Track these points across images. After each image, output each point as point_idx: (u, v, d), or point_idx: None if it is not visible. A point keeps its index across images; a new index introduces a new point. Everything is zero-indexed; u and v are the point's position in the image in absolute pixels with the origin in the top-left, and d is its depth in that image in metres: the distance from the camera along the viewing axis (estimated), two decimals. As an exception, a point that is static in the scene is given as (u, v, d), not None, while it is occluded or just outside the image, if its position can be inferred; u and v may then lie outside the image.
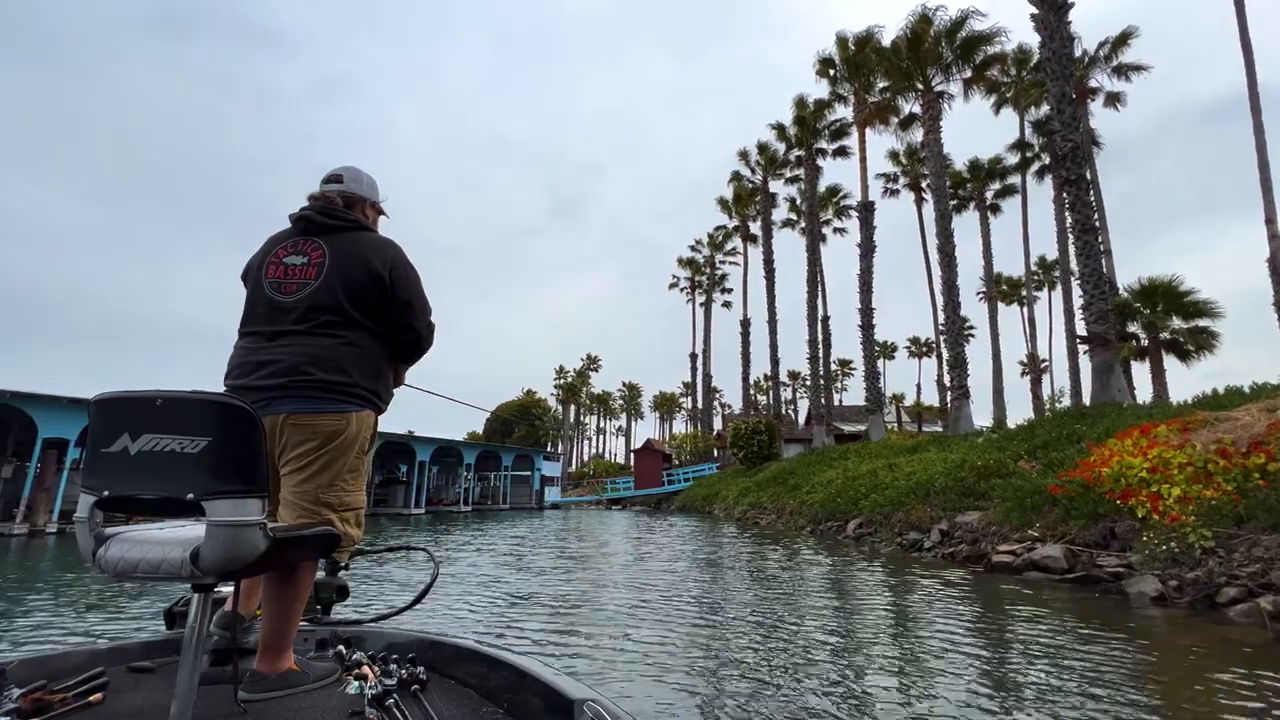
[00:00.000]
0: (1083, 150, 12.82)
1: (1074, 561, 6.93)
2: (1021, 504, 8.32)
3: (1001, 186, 31.27)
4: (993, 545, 8.07)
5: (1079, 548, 7.05)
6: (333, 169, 1.81)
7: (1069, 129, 12.89)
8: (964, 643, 4.25)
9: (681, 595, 6.21)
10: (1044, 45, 13.69)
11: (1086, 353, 12.38)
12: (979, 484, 10.20)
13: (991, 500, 9.51)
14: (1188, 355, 20.59)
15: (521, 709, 1.34)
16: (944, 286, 19.02)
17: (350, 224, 1.70)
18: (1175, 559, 5.77)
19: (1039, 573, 7.04)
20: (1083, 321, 12.65)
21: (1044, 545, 7.36)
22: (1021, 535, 7.87)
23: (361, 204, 1.80)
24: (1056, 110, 13.20)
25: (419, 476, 29.16)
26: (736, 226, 41.20)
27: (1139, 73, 24.56)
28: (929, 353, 60.33)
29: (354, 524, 1.62)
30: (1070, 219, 12.83)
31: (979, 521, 9.05)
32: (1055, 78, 13.30)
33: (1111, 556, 6.59)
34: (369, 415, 1.64)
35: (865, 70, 22.96)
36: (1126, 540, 6.63)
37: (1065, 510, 7.50)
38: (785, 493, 18.80)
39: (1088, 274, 12.29)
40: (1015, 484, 8.99)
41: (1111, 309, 12.53)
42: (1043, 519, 7.88)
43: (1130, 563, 6.23)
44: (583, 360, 74.77)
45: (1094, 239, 12.46)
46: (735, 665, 3.73)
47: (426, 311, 1.76)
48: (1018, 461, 10.29)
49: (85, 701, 1.28)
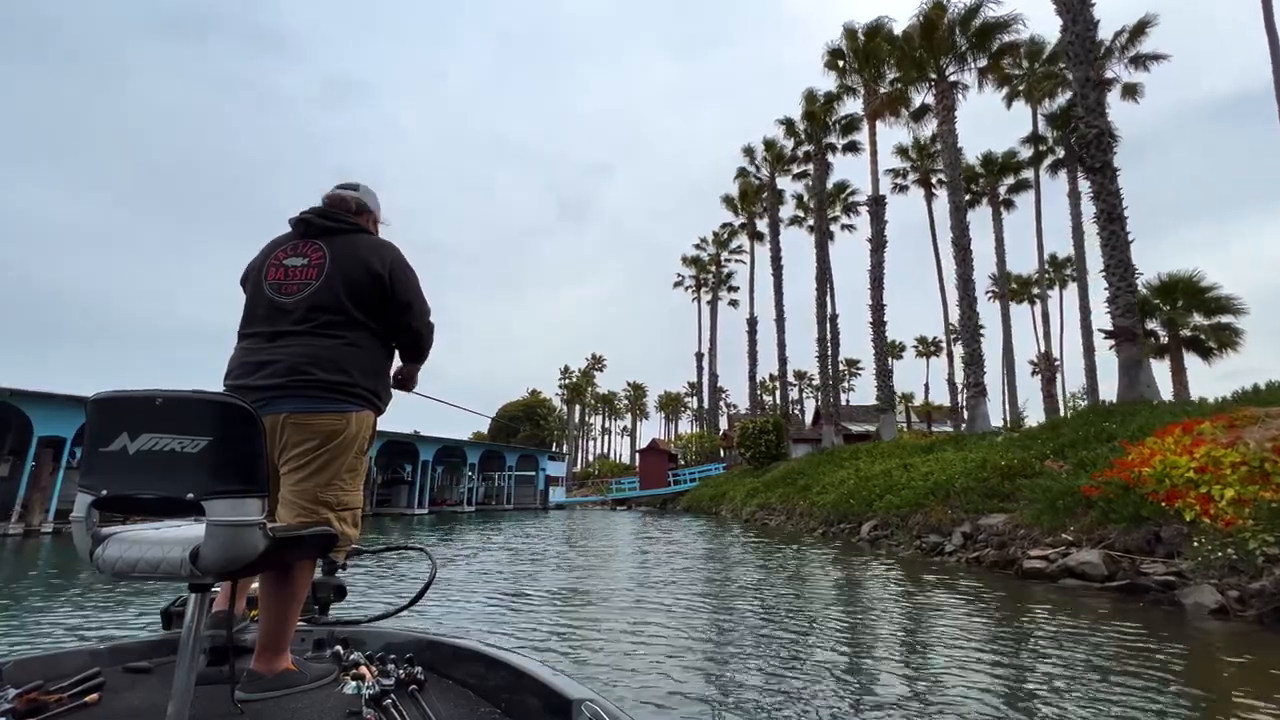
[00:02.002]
0: (1107, 136, 12.30)
1: (1114, 568, 6.44)
2: (1052, 506, 7.83)
3: (1015, 181, 30.65)
4: (1023, 550, 7.58)
5: (1119, 553, 6.56)
6: (347, 180, 1.86)
7: (1093, 114, 12.37)
8: (1013, 661, 3.79)
9: (690, 605, 5.76)
10: (1066, 29, 13.17)
11: (1112, 348, 11.86)
12: (1003, 485, 9.71)
13: (1018, 502, 9.02)
14: (1209, 353, 19.98)
15: (519, 709, 1.33)
16: (959, 281, 18.47)
17: (350, 226, 1.71)
18: (1234, 567, 5.28)
19: (1075, 580, 6.56)
20: (1108, 315, 12.12)
21: (1080, 550, 6.87)
22: (1054, 539, 7.37)
23: (369, 214, 1.83)
24: (1080, 96, 12.67)
25: (422, 476, 28.83)
26: (743, 224, 40.66)
27: (1157, 63, 23.98)
28: (937, 352, 59.57)
29: (351, 524, 1.62)
30: (1095, 208, 12.30)
31: (1005, 524, 8.56)
32: (1078, 62, 12.77)
33: (1158, 563, 6.10)
34: (368, 415, 1.64)
35: (875, 61, 22.43)
36: (1174, 545, 6.13)
37: (1103, 513, 7.01)
38: (795, 493, 18.32)
39: (1114, 265, 11.76)
40: (1044, 485, 8.50)
41: (1138, 302, 11.99)
42: (1076, 522, 7.39)
43: (1181, 570, 5.74)
44: (587, 360, 74.45)
45: (1120, 228, 11.92)
46: (748, 689, 3.29)
47: (426, 311, 1.76)
48: (1044, 461, 9.80)
49: (81, 702, 1.28)
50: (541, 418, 67.86)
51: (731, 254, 45.38)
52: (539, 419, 67.42)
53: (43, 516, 16.03)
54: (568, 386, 71.05)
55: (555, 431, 71.03)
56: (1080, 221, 27.77)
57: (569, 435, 72.21)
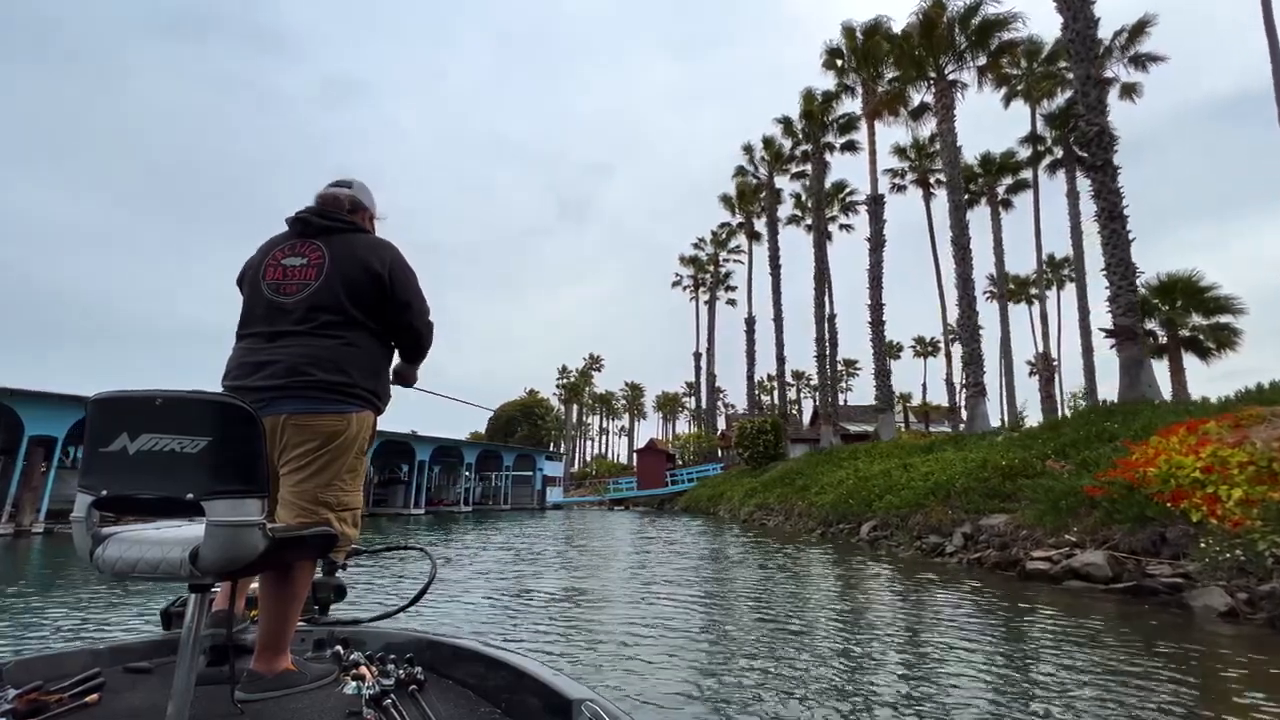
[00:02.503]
0: (1108, 134, 12.22)
1: (1119, 569, 6.35)
2: (1055, 506, 7.73)
3: (1014, 181, 30.61)
4: (1025, 551, 7.49)
5: (1124, 554, 6.46)
6: (341, 178, 1.82)
7: (1094, 112, 12.29)
8: (1023, 665, 3.68)
9: (690, 608, 5.65)
10: (1066, 27, 13.09)
11: (1113, 347, 11.78)
12: (1004, 485, 9.61)
13: (1019, 502, 8.93)
14: (1208, 353, 19.92)
15: (519, 709, 1.33)
16: (959, 280, 18.38)
17: (347, 225, 1.69)
18: (1243, 569, 5.19)
19: (1080, 581, 6.46)
20: (1109, 314, 12.04)
21: (1084, 551, 6.77)
22: (1058, 540, 7.28)
23: (364, 211, 1.80)
24: (1081, 93, 12.59)
25: (419, 476, 28.67)
26: (741, 223, 40.55)
27: (1155, 63, 23.96)
28: (934, 352, 59.52)
29: (351, 524, 1.61)
30: (1096, 206, 12.22)
31: (1006, 525, 8.47)
32: (1079, 60, 12.69)
33: (1164, 565, 6.01)
34: (368, 416, 1.62)
35: (874, 60, 22.34)
36: (1180, 547, 6.04)
37: (1106, 513, 6.91)
38: (793, 494, 18.22)
39: (1115, 263, 11.68)
40: (1046, 485, 8.40)
41: (1139, 300, 11.91)
42: (1080, 522, 7.30)
43: (1188, 572, 5.64)
44: (585, 360, 74.24)
45: (1121, 227, 11.84)
46: (747, 690, 3.18)
47: (425, 311, 1.74)
48: (1045, 461, 9.70)
49: (82, 702, 1.28)
50: (539, 417, 67.67)
51: (730, 254, 45.28)
52: (536, 419, 67.23)
53: (34, 516, 15.83)
54: (565, 386, 70.86)
55: (553, 431, 70.86)
56: (1079, 221, 27.73)
57: (566, 435, 72.03)
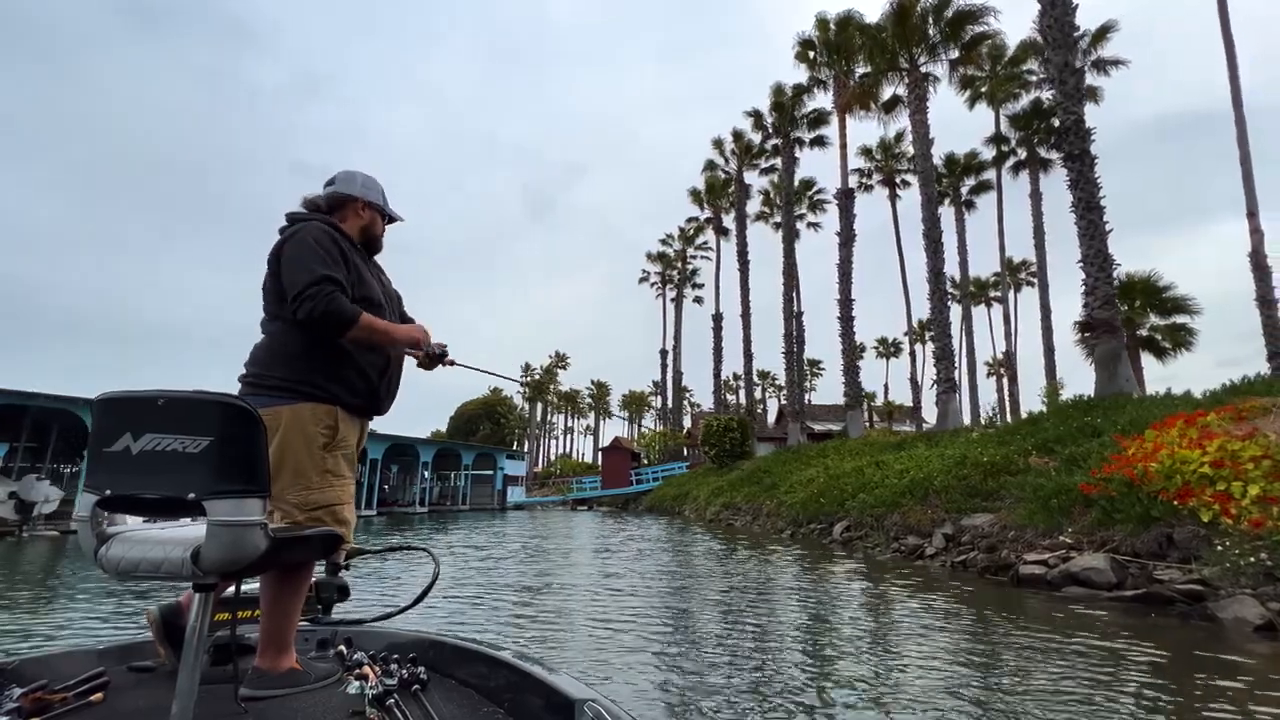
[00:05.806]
0: (1085, 124, 11.93)
1: (1123, 574, 5.79)
2: (1045, 505, 7.19)
3: (977, 182, 30.90)
4: (1017, 553, 6.91)
5: (1127, 558, 5.91)
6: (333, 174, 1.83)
7: (1072, 100, 11.98)
8: (1049, 688, 2.96)
9: (651, 620, 4.80)
10: (1044, 13, 12.78)
11: (1088, 340, 11.48)
12: (985, 482, 9.09)
13: (1003, 500, 8.40)
14: (1164, 353, 20.23)
15: (522, 709, 1.34)
16: (930, 275, 18.10)
17: (292, 223, 1.69)
18: (1269, 574, 4.64)
19: (1080, 587, 5.88)
20: (1084, 308, 11.74)
21: (1083, 554, 6.21)
22: (1052, 542, 6.71)
23: (352, 203, 1.78)
24: (1059, 82, 12.27)
25: (370, 475, 27.13)
26: (709, 218, 40.07)
27: (1117, 67, 24.39)
28: (897, 353, 60.50)
29: (332, 522, 1.56)
30: (1073, 197, 11.91)
31: (992, 525, 7.91)
32: (1056, 47, 12.38)
33: (1173, 569, 5.45)
34: (305, 406, 1.56)
35: (847, 52, 21.96)
36: (1189, 549, 5.50)
37: (1104, 512, 6.37)
38: (761, 493, 17.62)
39: (1092, 255, 11.37)
40: (1034, 482, 7.88)
41: (1116, 294, 11.65)
42: (1074, 523, 6.75)
43: (1203, 578, 5.08)
44: (550, 358, 72.96)
45: (1098, 218, 11.54)
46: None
47: (296, 284, 1.56)
48: (1027, 458, 9.23)
49: (86, 701, 1.29)
50: (502, 416, 66.05)
51: (698, 250, 44.76)
52: (499, 418, 65.62)
53: None
54: (529, 384, 69.36)
55: (516, 430, 69.21)
56: (1041, 223, 28.09)
57: (530, 434, 70.53)
